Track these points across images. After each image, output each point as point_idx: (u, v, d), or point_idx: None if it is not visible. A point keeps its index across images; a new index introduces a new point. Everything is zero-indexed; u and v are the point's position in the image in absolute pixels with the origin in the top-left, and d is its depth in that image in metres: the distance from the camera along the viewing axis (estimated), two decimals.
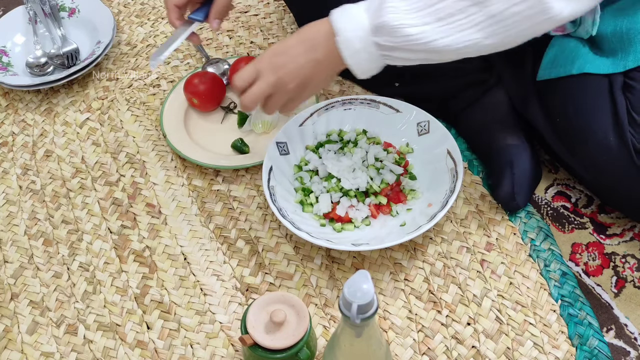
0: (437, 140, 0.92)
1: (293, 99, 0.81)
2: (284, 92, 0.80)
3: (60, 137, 1.07)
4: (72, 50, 1.16)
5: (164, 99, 1.07)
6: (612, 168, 0.83)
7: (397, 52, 0.75)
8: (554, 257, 0.86)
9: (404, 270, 0.86)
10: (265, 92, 0.79)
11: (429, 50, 0.73)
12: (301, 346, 0.70)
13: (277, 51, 0.79)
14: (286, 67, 0.78)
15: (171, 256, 0.90)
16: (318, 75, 0.79)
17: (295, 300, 0.73)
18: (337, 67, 0.78)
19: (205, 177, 0.99)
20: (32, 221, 0.97)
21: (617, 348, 0.79)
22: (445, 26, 0.71)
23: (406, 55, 0.75)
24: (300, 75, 0.78)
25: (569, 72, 0.86)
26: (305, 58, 0.78)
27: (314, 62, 0.78)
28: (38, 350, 0.83)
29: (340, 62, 0.77)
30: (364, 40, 0.74)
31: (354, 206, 0.89)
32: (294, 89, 0.79)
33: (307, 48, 0.78)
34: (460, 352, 0.79)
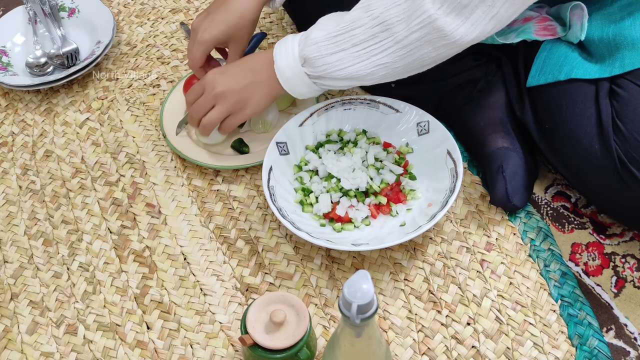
0: (437, 140, 0.92)
1: (234, 115, 0.90)
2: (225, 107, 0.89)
3: (60, 137, 1.07)
4: (72, 50, 1.16)
5: (164, 99, 1.07)
6: (598, 177, 0.83)
7: (324, 80, 0.83)
8: (553, 257, 0.86)
9: (403, 270, 0.86)
10: (207, 106, 0.90)
11: (349, 76, 0.81)
12: (301, 346, 0.70)
13: (222, 70, 0.90)
14: (227, 84, 0.88)
15: (171, 256, 0.90)
16: (257, 95, 0.88)
17: (295, 300, 0.72)
18: (277, 90, 0.87)
19: (205, 177, 0.99)
20: (32, 221, 0.97)
21: (617, 348, 0.79)
22: (359, 51, 0.79)
23: (332, 83, 0.83)
24: (240, 93, 0.88)
25: (556, 78, 0.86)
26: (247, 80, 0.87)
27: (255, 83, 0.87)
28: (38, 350, 0.83)
29: (279, 85, 0.86)
30: (295, 69, 0.83)
31: (354, 206, 0.89)
32: (234, 105, 0.89)
33: (248, 70, 0.88)
34: (460, 352, 0.79)
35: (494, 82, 0.96)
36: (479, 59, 0.97)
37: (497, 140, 0.92)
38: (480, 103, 0.95)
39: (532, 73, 0.89)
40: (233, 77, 0.88)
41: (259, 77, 0.87)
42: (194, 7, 1.27)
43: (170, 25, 1.24)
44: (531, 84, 0.89)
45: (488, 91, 0.95)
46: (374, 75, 0.81)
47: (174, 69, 1.16)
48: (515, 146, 0.91)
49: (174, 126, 1.02)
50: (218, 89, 0.88)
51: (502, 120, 0.93)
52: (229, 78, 0.88)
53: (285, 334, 0.70)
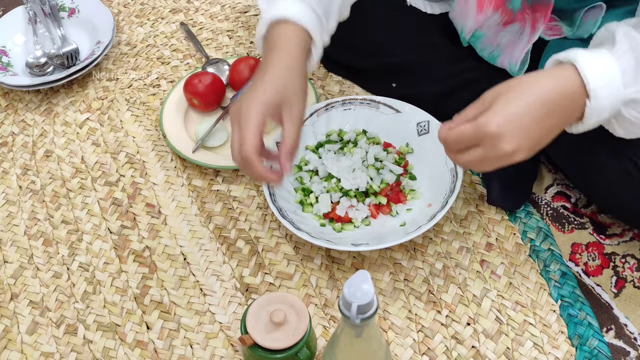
0: (437, 140, 0.92)
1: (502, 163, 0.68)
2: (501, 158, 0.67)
3: (60, 137, 1.07)
4: (72, 50, 1.16)
5: (164, 99, 1.07)
6: (602, 175, 0.82)
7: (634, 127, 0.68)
8: (553, 257, 0.86)
9: (404, 270, 0.86)
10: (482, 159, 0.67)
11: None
12: (301, 346, 0.70)
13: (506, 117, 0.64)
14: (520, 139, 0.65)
15: (171, 256, 0.90)
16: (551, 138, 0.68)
17: (295, 300, 0.72)
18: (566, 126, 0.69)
19: (205, 177, 0.99)
20: (32, 221, 0.97)
21: (617, 348, 0.79)
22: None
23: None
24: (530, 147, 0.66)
25: None
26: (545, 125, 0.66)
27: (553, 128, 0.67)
28: (38, 351, 0.83)
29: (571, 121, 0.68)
30: (612, 111, 0.66)
31: (354, 206, 0.89)
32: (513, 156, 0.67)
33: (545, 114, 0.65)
34: (460, 352, 0.79)
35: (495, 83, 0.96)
36: (479, 60, 0.97)
37: None
38: None
39: None
40: (525, 126, 0.65)
41: (559, 118, 0.66)
42: (194, 7, 1.27)
43: (170, 25, 1.24)
44: None
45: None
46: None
47: (174, 69, 1.16)
48: None
49: (174, 126, 1.02)
50: (507, 147, 0.64)
51: None
52: (520, 129, 0.64)
53: (285, 334, 0.70)
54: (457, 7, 0.92)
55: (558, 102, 0.65)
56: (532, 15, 0.88)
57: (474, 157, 0.67)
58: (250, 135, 0.71)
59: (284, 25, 0.75)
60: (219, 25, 1.23)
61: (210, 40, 1.20)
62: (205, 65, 1.13)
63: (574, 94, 0.65)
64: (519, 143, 0.65)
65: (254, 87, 0.73)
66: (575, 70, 0.65)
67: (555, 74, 0.66)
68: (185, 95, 1.04)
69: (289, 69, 0.73)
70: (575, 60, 0.65)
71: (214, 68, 1.13)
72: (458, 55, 0.98)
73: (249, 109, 0.71)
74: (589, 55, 0.65)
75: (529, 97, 0.65)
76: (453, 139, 0.69)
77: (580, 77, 0.64)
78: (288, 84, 0.73)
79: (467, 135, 0.67)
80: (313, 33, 0.76)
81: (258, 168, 0.73)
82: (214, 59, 1.14)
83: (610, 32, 0.68)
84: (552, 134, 0.67)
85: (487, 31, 0.92)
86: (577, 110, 0.66)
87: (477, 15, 0.89)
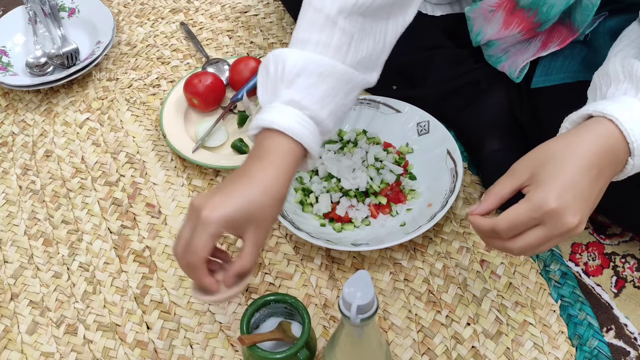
0: (437, 140, 0.92)
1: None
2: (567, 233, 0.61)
3: (60, 137, 1.07)
4: (72, 50, 1.16)
5: (164, 99, 1.07)
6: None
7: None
8: (553, 257, 0.86)
9: (404, 270, 0.86)
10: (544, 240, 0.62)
11: None
12: (301, 346, 0.70)
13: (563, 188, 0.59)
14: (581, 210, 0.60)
15: (171, 256, 0.90)
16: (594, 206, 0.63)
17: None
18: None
19: (205, 177, 0.99)
20: (32, 221, 0.97)
21: (617, 348, 0.79)
22: None
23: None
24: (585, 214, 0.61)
25: (563, 80, 0.86)
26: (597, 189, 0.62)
27: (601, 190, 0.62)
28: (38, 351, 0.83)
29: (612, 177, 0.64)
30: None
31: (354, 206, 0.89)
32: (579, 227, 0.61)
33: (595, 176, 0.61)
34: (460, 352, 0.79)
35: (495, 84, 0.96)
36: (480, 61, 0.97)
37: (495, 142, 0.92)
38: (480, 105, 0.95)
39: (536, 74, 0.89)
40: (582, 193, 0.60)
41: (607, 178, 0.63)
42: (194, 7, 1.27)
43: (170, 25, 1.24)
44: (536, 85, 0.88)
45: (488, 93, 0.95)
46: None
47: (174, 69, 1.16)
48: (514, 148, 0.90)
49: (174, 126, 1.02)
50: (572, 220, 0.59)
51: (502, 122, 0.93)
52: (579, 198, 0.60)
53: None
54: (479, 10, 0.90)
55: (606, 161, 0.61)
56: (548, 33, 0.87)
57: (534, 240, 0.61)
58: (201, 242, 0.62)
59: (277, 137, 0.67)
60: (219, 25, 1.23)
61: (210, 40, 1.20)
62: (205, 65, 1.13)
63: (619, 151, 0.62)
64: (582, 212, 0.60)
65: (227, 191, 0.64)
66: (614, 126, 0.61)
67: (596, 132, 0.62)
68: (185, 95, 1.04)
69: (268, 189, 0.65)
70: (613, 116, 0.61)
71: (214, 68, 1.13)
72: (458, 57, 0.98)
73: (210, 217, 0.62)
74: (623, 108, 0.62)
75: (578, 161, 0.60)
76: (506, 226, 0.61)
77: (621, 133, 0.61)
78: (264, 208, 0.64)
79: (523, 219, 0.60)
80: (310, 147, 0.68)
81: (202, 278, 0.65)
82: (214, 59, 1.14)
83: (630, 71, 0.65)
84: (602, 193, 0.63)
85: (503, 43, 0.92)
86: (620, 165, 0.63)
87: (500, 30, 0.89)
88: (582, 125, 0.64)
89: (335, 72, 0.69)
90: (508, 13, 0.86)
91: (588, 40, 0.88)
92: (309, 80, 0.68)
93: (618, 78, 0.66)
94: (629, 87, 0.64)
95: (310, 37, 0.69)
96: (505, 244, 0.63)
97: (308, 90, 0.68)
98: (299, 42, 0.70)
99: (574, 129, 0.64)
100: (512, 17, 0.86)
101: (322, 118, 0.69)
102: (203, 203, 0.63)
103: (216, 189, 0.65)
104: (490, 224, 0.62)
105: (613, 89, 0.65)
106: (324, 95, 0.68)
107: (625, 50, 0.69)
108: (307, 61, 0.68)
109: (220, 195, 0.63)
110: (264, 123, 0.67)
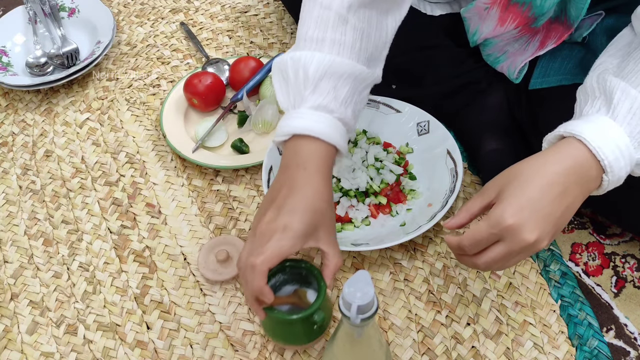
0: (437, 140, 0.92)
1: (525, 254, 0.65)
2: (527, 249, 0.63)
3: (60, 137, 1.07)
4: (72, 50, 1.16)
5: (164, 99, 1.07)
6: None
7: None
8: (553, 257, 0.86)
9: (404, 270, 0.86)
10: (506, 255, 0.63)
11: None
12: (316, 308, 0.71)
13: (520, 205, 0.61)
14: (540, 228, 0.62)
15: (171, 256, 0.90)
16: (570, 215, 0.65)
17: (236, 240, 0.88)
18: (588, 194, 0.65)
19: (205, 177, 0.99)
20: (32, 221, 0.97)
21: (617, 348, 0.79)
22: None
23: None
24: (553, 231, 0.63)
25: (560, 82, 0.86)
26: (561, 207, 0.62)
27: (571, 205, 0.63)
28: (38, 350, 0.83)
29: (586, 195, 0.65)
30: (628, 173, 0.65)
31: (354, 206, 0.89)
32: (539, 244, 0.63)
33: (559, 194, 0.62)
34: (460, 352, 0.79)
35: (494, 84, 0.96)
36: (479, 61, 0.97)
37: (494, 142, 0.92)
38: (479, 105, 0.95)
39: (534, 75, 0.89)
40: (542, 210, 0.61)
41: (575, 196, 0.63)
42: (194, 7, 1.27)
43: (170, 25, 1.24)
44: (534, 86, 0.88)
45: (487, 93, 0.95)
46: None
47: (174, 69, 1.16)
48: (512, 148, 0.90)
49: (174, 126, 1.02)
50: (530, 236, 0.61)
51: (500, 122, 0.93)
52: (537, 215, 0.61)
53: (231, 267, 0.86)
54: (474, 10, 0.91)
55: (572, 180, 0.62)
56: (546, 31, 0.87)
57: (496, 255, 0.63)
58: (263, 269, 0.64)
59: (312, 143, 0.69)
60: (219, 25, 1.23)
61: (210, 40, 1.20)
62: (205, 65, 1.13)
63: (589, 169, 0.63)
64: (541, 229, 0.61)
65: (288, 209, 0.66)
66: (582, 146, 0.63)
67: (563, 152, 0.63)
68: (185, 95, 1.04)
69: (322, 194, 0.68)
70: (582, 136, 0.62)
71: (214, 68, 1.13)
72: (458, 57, 0.98)
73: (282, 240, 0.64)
74: (593, 127, 0.63)
75: (539, 180, 0.62)
76: (469, 243, 0.64)
77: (590, 152, 0.62)
78: (325, 214, 0.68)
79: (484, 235, 0.63)
80: (342, 147, 0.72)
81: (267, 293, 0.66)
82: (214, 59, 1.14)
83: (603, 88, 0.66)
84: (570, 211, 0.64)
85: (500, 41, 0.92)
86: (594, 182, 0.64)
87: (496, 27, 0.89)
88: (553, 146, 0.65)
89: (354, 72, 0.71)
90: (502, 9, 0.86)
91: (586, 42, 0.88)
92: (331, 84, 0.70)
93: (594, 94, 0.67)
94: (602, 104, 0.65)
95: (325, 36, 0.71)
96: (472, 260, 0.65)
97: (333, 94, 0.70)
98: (314, 41, 0.71)
99: (545, 150, 0.66)
100: (506, 13, 0.87)
101: (349, 118, 0.71)
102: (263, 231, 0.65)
103: (274, 207, 0.67)
104: (457, 241, 0.65)
105: (589, 106, 0.66)
106: (346, 96, 0.71)
107: (608, 61, 0.70)
108: (329, 64, 0.70)
109: (283, 215, 0.65)
110: (296, 130, 0.69)
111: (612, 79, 0.65)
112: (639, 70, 0.64)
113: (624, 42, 0.72)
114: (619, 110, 0.63)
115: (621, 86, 0.64)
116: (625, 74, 0.65)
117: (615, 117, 0.63)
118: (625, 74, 0.65)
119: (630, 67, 0.65)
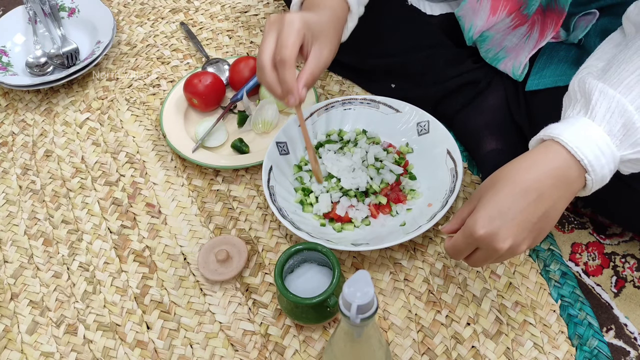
0: (437, 140, 0.92)
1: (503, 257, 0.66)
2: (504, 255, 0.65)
3: (60, 137, 1.07)
4: (71, 50, 1.16)
5: (164, 99, 1.07)
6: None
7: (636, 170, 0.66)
8: (553, 257, 0.86)
9: (404, 270, 0.86)
10: (487, 259, 0.66)
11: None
12: (330, 293, 0.75)
13: (490, 216, 0.62)
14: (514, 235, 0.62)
15: (171, 256, 0.90)
16: (553, 220, 0.65)
17: (236, 240, 0.88)
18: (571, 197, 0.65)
19: (205, 177, 0.99)
20: (32, 221, 0.97)
21: (617, 348, 0.79)
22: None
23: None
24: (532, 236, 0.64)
25: (556, 83, 0.86)
26: (538, 213, 0.63)
27: (549, 210, 0.63)
28: (38, 350, 0.83)
29: (574, 194, 0.65)
30: (613, 170, 0.64)
31: (354, 206, 0.89)
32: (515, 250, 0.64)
33: (535, 200, 0.62)
34: (460, 352, 0.79)
35: (493, 84, 0.96)
36: (479, 61, 0.97)
37: (494, 142, 0.92)
38: (479, 105, 0.95)
39: (531, 77, 0.89)
40: (513, 219, 0.62)
41: (551, 200, 0.63)
42: (194, 7, 1.27)
43: (170, 25, 1.24)
44: (530, 87, 0.89)
45: (487, 93, 0.95)
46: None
47: (174, 69, 1.16)
48: (512, 148, 0.90)
49: (174, 126, 1.02)
50: (503, 245, 0.62)
51: (500, 122, 0.93)
52: (509, 224, 0.62)
53: (230, 267, 0.86)
54: (467, 5, 0.92)
55: (548, 184, 0.62)
56: (542, 21, 0.88)
57: (477, 259, 0.67)
58: (292, 39, 0.72)
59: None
60: (219, 25, 1.23)
61: (210, 40, 1.20)
62: (205, 65, 1.13)
63: (568, 170, 0.63)
64: (514, 237, 0.62)
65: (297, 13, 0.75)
66: (561, 148, 0.63)
67: (538, 157, 0.64)
68: (185, 95, 1.04)
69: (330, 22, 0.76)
70: (560, 138, 0.63)
71: (214, 68, 1.13)
72: (458, 56, 0.98)
73: (294, 17, 0.73)
74: (571, 128, 0.63)
75: (512, 188, 0.63)
76: (451, 252, 0.68)
77: (569, 153, 0.63)
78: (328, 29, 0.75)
79: (462, 244, 0.66)
80: (351, 3, 0.80)
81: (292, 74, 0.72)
82: (214, 58, 1.14)
83: (583, 90, 0.66)
84: (552, 214, 0.64)
85: (495, 33, 0.92)
86: (576, 183, 0.64)
87: (488, 17, 0.90)
88: (532, 150, 0.66)
89: None
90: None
91: (582, 44, 0.88)
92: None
93: (575, 97, 0.67)
94: (582, 106, 0.66)
95: None
96: (464, 261, 0.69)
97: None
98: None
99: (524, 154, 0.66)
100: (497, 1, 0.88)
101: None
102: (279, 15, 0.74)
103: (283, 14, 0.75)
104: (445, 246, 0.69)
105: (570, 109, 0.67)
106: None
107: (593, 65, 0.70)
108: None
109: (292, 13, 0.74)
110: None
111: (591, 80, 0.65)
112: (620, 71, 0.65)
113: (611, 44, 0.72)
114: (597, 110, 0.64)
115: (599, 87, 0.64)
116: (607, 77, 0.65)
117: (593, 117, 0.64)
118: (607, 76, 0.65)
119: (613, 70, 0.65)
